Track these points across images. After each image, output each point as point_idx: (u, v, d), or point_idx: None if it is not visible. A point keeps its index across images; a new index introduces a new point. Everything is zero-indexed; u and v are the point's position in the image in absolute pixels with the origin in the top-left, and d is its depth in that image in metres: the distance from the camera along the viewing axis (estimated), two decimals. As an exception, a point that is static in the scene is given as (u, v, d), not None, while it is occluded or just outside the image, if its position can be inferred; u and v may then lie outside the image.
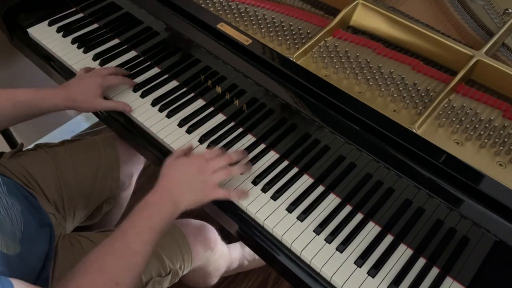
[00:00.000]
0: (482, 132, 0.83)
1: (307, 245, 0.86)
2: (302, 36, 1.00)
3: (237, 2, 1.07)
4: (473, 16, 0.99)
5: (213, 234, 1.16)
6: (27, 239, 0.80)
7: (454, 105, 0.87)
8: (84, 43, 1.23)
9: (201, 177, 0.87)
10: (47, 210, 0.96)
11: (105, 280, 0.70)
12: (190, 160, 0.89)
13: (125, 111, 1.07)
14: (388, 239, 0.88)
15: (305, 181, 0.96)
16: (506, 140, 0.82)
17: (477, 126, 0.84)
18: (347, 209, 0.92)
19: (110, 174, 1.14)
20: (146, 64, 1.18)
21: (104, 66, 1.17)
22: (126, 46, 1.23)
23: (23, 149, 1.12)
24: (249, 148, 1.00)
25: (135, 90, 1.12)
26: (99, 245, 0.75)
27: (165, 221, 0.81)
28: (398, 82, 0.91)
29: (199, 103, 1.09)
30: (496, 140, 0.82)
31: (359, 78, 0.93)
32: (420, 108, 0.87)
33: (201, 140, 1.02)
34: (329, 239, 0.87)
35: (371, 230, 0.89)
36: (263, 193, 0.93)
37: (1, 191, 0.82)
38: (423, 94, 0.89)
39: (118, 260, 0.73)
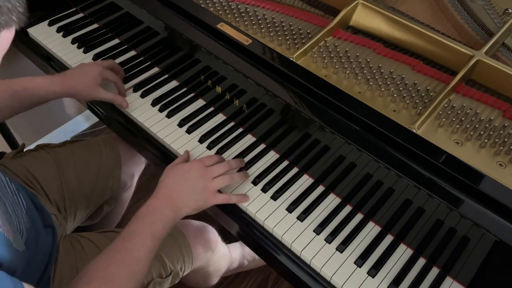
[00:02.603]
0: (482, 132, 0.83)
1: (307, 245, 0.86)
2: (302, 36, 1.00)
3: (237, 2, 1.07)
4: (473, 16, 0.99)
5: (214, 235, 1.16)
6: (32, 239, 0.80)
7: (454, 105, 0.87)
8: (84, 43, 1.23)
9: (202, 183, 0.87)
10: (49, 210, 0.96)
11: None
12: (190, 166, 0.89)
13: (121, 107, 1.06)
14: (388, 239, 0.88)
15: (305, 181, 0.96)
16: (506, 140, 0.82)
17: (477, 126, 0.84)
18: (347, 209, 0.92)
19: (112, 174, 1.14)
20: (146, 64, 1.18)
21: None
22: (126, 46, 1.23)
23: (25, 150, 1.12)
24: (249, 148, 1.00)
25: (135, 90, 1.12)
26: (101, 254, 0.75)
27: (166, 228, 0.81)
28: (398, 82, 0.91)
29: (199, 103, 1.09)
30: (496, 140, 0.82)
31: (359, 78, 0.93)
32: (420, 108, 0.87)
33: (201, 140, 1.02)
34: (329, 239, 0.87)
35: (371, 230, 0.89)
36: (263, 193, 0.93)
37: (9, 190, 0.82)
38: (423, 94, 0.89)
39: (121, 269, 0.73)
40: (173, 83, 1.14)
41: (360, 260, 0.84)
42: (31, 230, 0.81)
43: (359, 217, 0.91)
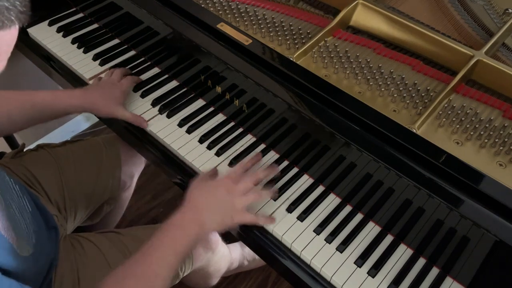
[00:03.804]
0: (482, 132, 0.83)
1: (307, 245, 0.86)
2: (302, 36, 1.00)
3: (237, 2, 1.07)
4: (473, 16, 0.99)
5: (214, 235, 1.16)
6: (38, 241, 0.80)
7: (454, 105, 0.87)
8: (84, 43, 1.23)
9: (229, 200, 0.84)
10: (50, 211, 0.96)
11: None
12: (217, 182, 0.86)
13: (141, 126, 1.04)
14: (388, 239, 0.88)
15: (305, 181, 0.96)
16: (506, 140, 0.82)
17: (477, 126, 0.84)
18: (347, 209, 0.92)
19: (112, 174, 1.14)
20: (146, 64, 1.18)
21: (108, 68, 1.17)
22: (126, 46, 1.23)
23: (25, 150, 1.12)
24: (249, 148, 1.00)
25: (135, 90, 1.11)
26: (120, 266, 0.72)
27: (189, 244, 0.78)
28: (398, 82, 0.91)
29: (199, 103, 1.09)
30: (496, 140, 0.82)
31: (359, 78, 0.93)
32: (420, 108, 0.87)
33: (201, 140, 1.02)
34: (329, 239, 0.87)
35: (371, 230, 0.89)
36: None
37: (14, 192, 0.82)
38: (423, 94, 0.89)
39: (138, 284, 0.71)
40: (173, 83, 1.14)
41: (360, 260, 0.84)
42: (37, 233, 0.81)
43: (359, 217, 0.91)
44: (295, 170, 0.97)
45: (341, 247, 0.86)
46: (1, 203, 0.70)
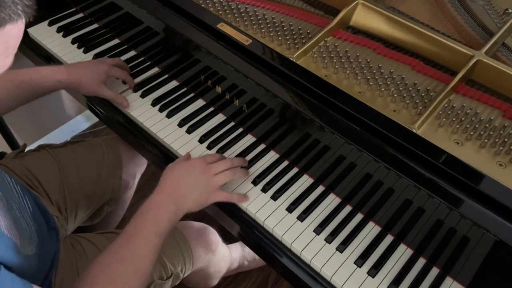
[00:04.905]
0: (482, 132, 0.83)
1: (307, 245, 0.86)
2: (302, 36, 1.00)
3: (237, 2, 1.07)
4: (473, 16, 0.99)
5: (214, 236, 1.16)
6: (41, 241, 0.80)
7: (454, 105, 0.87)
8: (84, 43, 1.23)
9: (204, 179, 0.86)
10: (51, 211, 0.96)
11: None
12: (191, 162, 0.89)
13: (122, 106, 1.07)
14: (388, 239, 0.88)
15: (305, 181, 0.96)
16: (506, 140, 0.82)
17: (477, 126, 0.84)
18: (347, 209, 0.92)
19: (113, 174, 1.14)
20: (146, 64, 1.18)
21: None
22: (126, 46, 1.23)
23: (26, 150, 1.12)
24: (249, 148, 1.00)
25: (135, 90, 1.11)
26: (104, 252, 0.74)
27: (169, 224, 0.80)
28: (398, 82, 0.91)
29: (199, 103, 1.09)
30: (496, 140, 0.82)
31: (359, 78, 0.93)
32: (420, 108, 0.87)
33: (201, 140, 1.02)
34: (329, 239, 0.87)
35: (371, 230, 0.89)
36: (263, 193, 0.93)
37: (15, 193, 0.81)
38: (423, 94, 0.89)
39: (125, 267, 0.72)
40: (173, 83, 1.14)
41: (360, 260, 0.84)
42: (39, 233, 0.81)
43: (359, 217, 0.90)
44: (295, 170, 0.97)
45: (341, 247, 0.86)
46: (3, 202, 0.70)
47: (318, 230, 0.88)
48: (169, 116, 1.06)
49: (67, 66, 1.05)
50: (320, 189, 0.94)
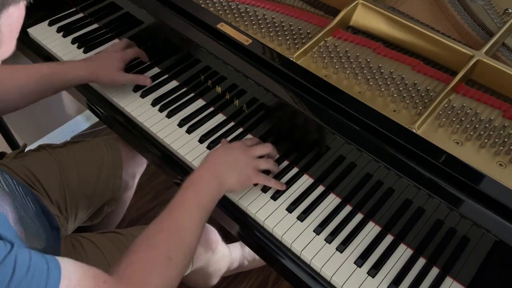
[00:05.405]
0: (482, 132, 0.83)
1: (307, 245, 0.86)
2: (302, 36, 1.00)
3: (237, 2, 1.07)
4: (473, 16, 0.99)
5: (215, 235, 1.16)
6: (46, 238, 0.81)
7: (454, 105, 0.87)
8: (84, 43, 1.23)
9: (244, 159, 0.88)
10: (52, 211, 0.96)
11: (157, 255, 0.70)
12: (232, 144, 0.92)
13: (146, 84, 1.10)
14: (388, 239, 0.88)
15: (305, 181, 0.96)
16: (506, 140, 0.82)
17: (477, 126, 0.84)
18: (347, 209, 0.92)
19: (113, 174, 1.14)
20: (146, 64, 1.18)
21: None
22: (126, 46, 1.23)
23: (26, 150, 1.12)
24: (249, 148, 1.00)
25: (135, 90, 1.12)
26: (148, 226, 0.75)
27: (211, 197, 0.81)
28: (398, 82, 0.91)
29: (199, 103, 1.09)
30: (496, 140, 0.82)
31: (359, 78, 0.93)
32: (420, 108, 0.87)
33: (201, 140, 1.02)
34: (329, 239, 0.87)
35: (371, 230, 0.89)
36: (263, 193, 0.93)
37: (18, 193, 0.82)
38: (423, 94, 0.89)
39: (169, 236, 0.73)
40: (173, 83, 1.14)
41: (360, 260, 0.84)
42: (44, 231, 0.81)
43: (359, 217, 0.91)
44: (295, 170, 0.97)
45: (341, 247, 0.86)
46: (10, 197, 0.71)
47: (318, 230, 0.88)
48: (169, 116, 1.06)
49: (85, 60, 1.06)
50: (320, 189, 0.94)
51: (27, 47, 1.26)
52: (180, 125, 1.05)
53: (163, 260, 0.70)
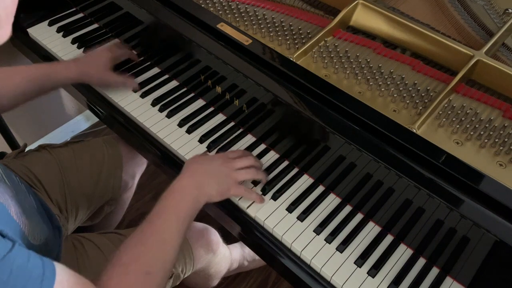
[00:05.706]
0: (482, 132, 0.83)
1: (307, 245, 0.86)
2: (302, 36, 1.00)
3: (237, 2, 1.07)
4: (473, 16, 0.99)
5: (215, 237, 1.16)
6: (48, 235, 0.81)
7: (454, 105, 0.87)
8: (84, 43, 1.23)
9: (224, 171, 0.87)
10: (52, 211, 0.96)
11: (136, 269, 0.70)
12: (213, 155, 0.91)
13: (134, 88, 1.10)
14: (388, 239, 0.88)
15: (305, 181, 0.96)
16: (506, 140, 0.82)
17: (477, 126, 0.84)
18: (347, 209, 0.92)
19: (113, 174, 1.15)
20: (146, 64, 1.18)
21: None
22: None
23: (26, 150, 1.12)
24: (249, 148, 1.00)
25: (135, 90, 1.11)
26: (129, 237, 0.75)
27: (190, 208, 0.81)
28: (398, 82, 0.91)
29: (199, 103, 1.09)
30: (496, 140, 0.82)
31: (359, 78, 0.93)
32: (420, 108, 0.87)
33: (201, 140, 1.02)
34: (329, 239, 0.87)
35: (371, 230, 0.89)
36: (263, 194, 0.93)
37: (21, 191, 0.81)
38: (423, 94, 0.89)
39: (148, 250, 0.73)
40: (173, 83, 1.14)
41: (360, 260, 0.84)
42: (44, 231, 0.81)
43: (359, 217, 0.91)
44: (295, 170, 0.97)
45: (341, 247, 0.86)
46: (12, 190, 0.71)
47: (318, 230, 0.88)
48: (169, 116, 1.06)
49: (75, 61, 1.07)
50: (320, 189, 0.94)
51: (27, 47, 1.26)
52: (180, 125, 1.05)
53: (141, 276, 0.70)
